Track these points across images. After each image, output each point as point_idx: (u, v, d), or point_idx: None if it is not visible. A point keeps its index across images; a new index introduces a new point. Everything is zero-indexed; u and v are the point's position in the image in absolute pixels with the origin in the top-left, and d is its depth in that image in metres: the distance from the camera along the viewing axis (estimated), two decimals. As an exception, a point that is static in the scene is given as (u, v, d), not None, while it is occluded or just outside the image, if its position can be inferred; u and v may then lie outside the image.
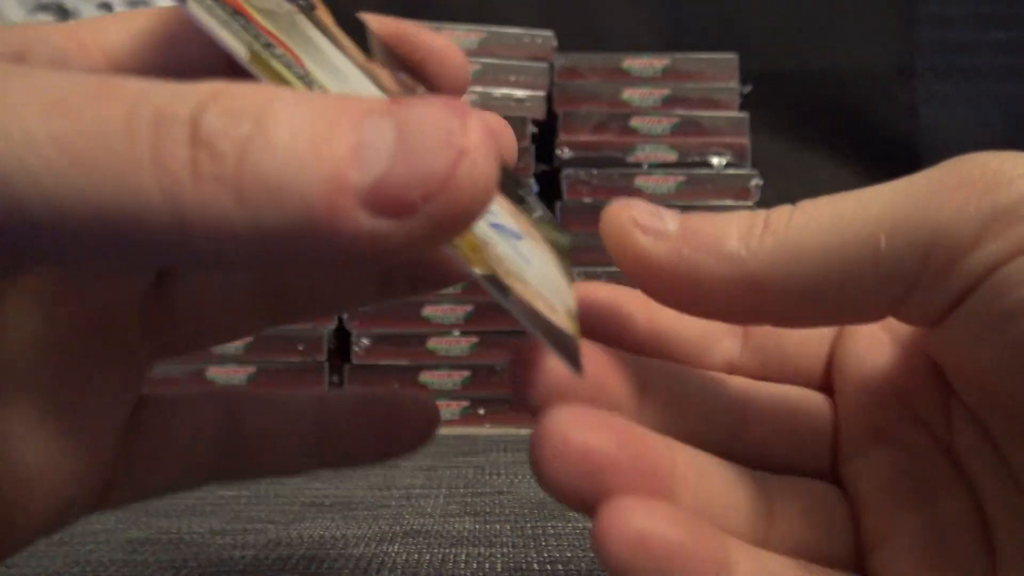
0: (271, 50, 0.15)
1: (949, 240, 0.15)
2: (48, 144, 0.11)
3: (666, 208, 0.18)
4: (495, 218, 0.18)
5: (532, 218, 0.21)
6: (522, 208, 0.21)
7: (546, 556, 0.29)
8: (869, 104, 0.73)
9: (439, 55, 0.21)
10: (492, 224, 0.17)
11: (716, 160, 0.65)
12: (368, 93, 0.17)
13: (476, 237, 0.16)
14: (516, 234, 0.19)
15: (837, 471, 0.20)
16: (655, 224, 0.17)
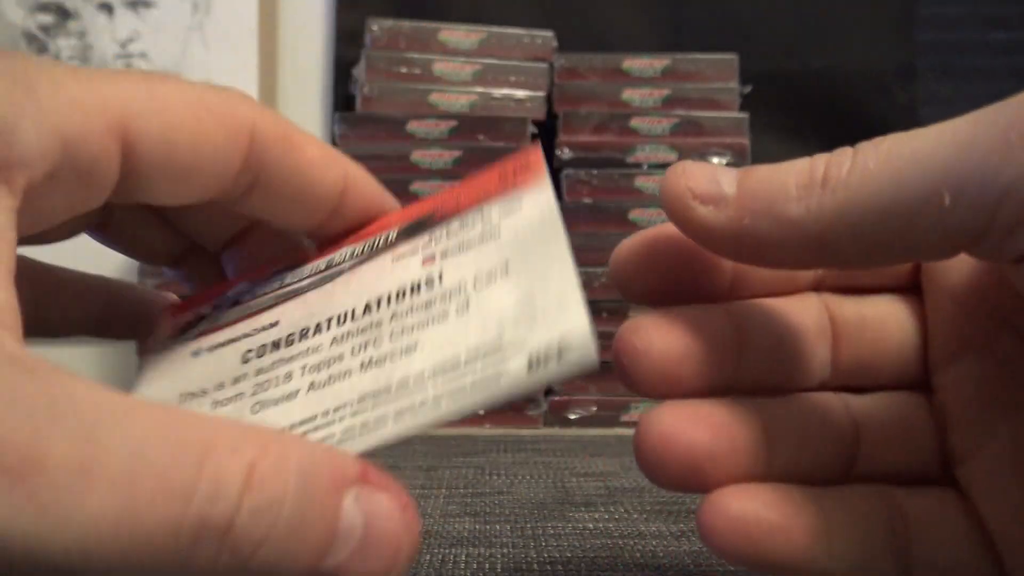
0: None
1: (1017, 200, 0.15)
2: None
3: (722, 168, 0.18)
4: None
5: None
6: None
7: (546, 556, 0.29)
8: (869, 104, 0.73)
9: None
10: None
11: (716, 160, 0.65)
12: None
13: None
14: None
15: (928, 380, 0.20)
16: (713, 190, 0.17)
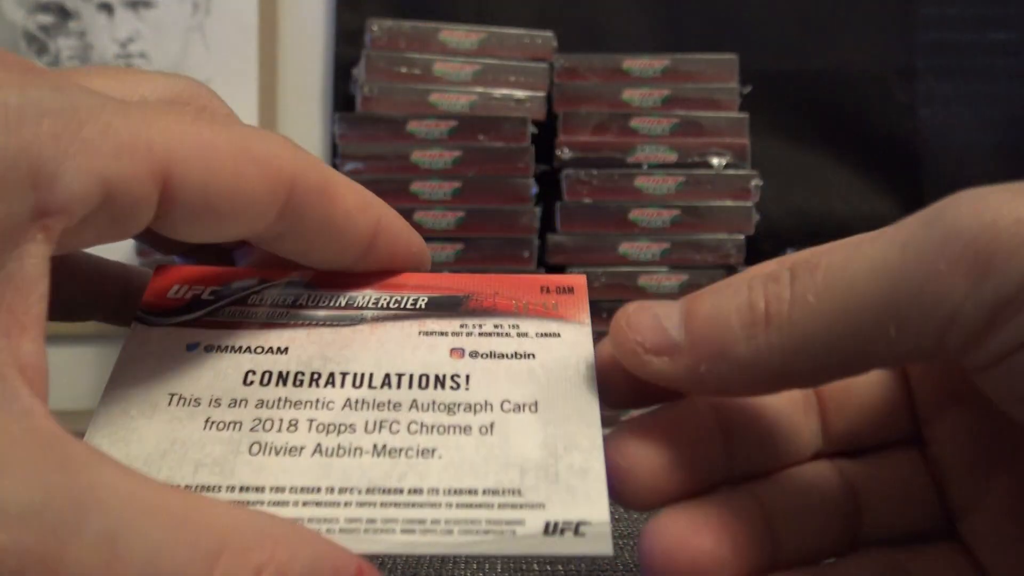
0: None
1: (961, 327, 0.15)
2: None
3: (663, 305, 0.18)
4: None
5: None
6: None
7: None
8: (869, 104, 0.73)
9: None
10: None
11: (716, 160, 0.65)
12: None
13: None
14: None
15: (919, 435, 0.20)
16: (662, 340, 0.17)
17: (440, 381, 0.19)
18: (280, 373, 0.19)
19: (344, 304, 0.21)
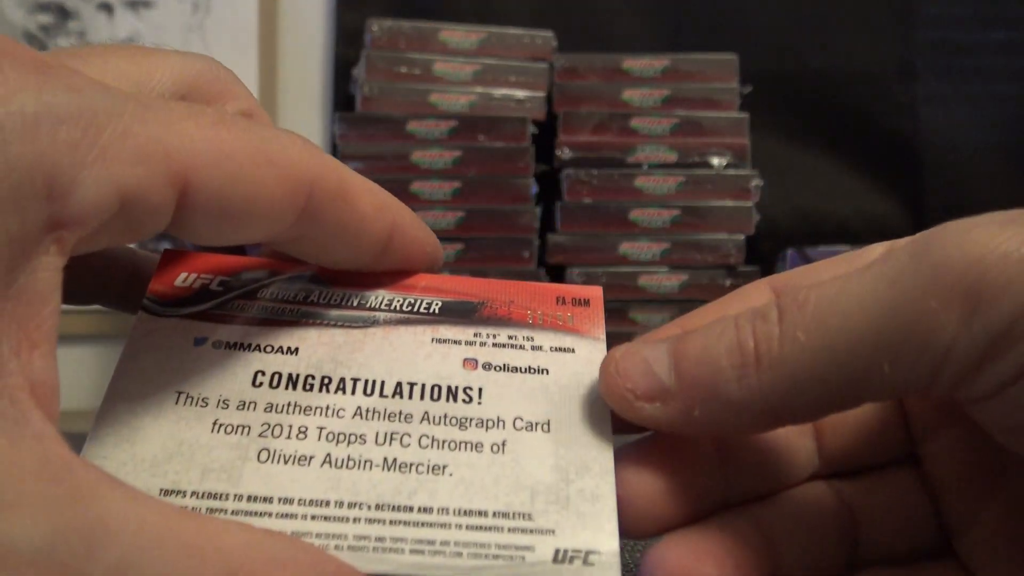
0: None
1: (955, 363, 0.15)
2: None
3: (651, 347, 0.18)
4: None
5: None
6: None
7: (546, 556, 0.29)
8: (869, 104, 0.73)
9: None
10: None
11: (716, 160, 0.65)
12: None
13: None
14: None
15: (914, 454, 0.20)
16: (653, 385, 0.17)
17: (453, 393, 0.19)
18: (290, 375, 0.19)
19: (356, 304, 0.20)
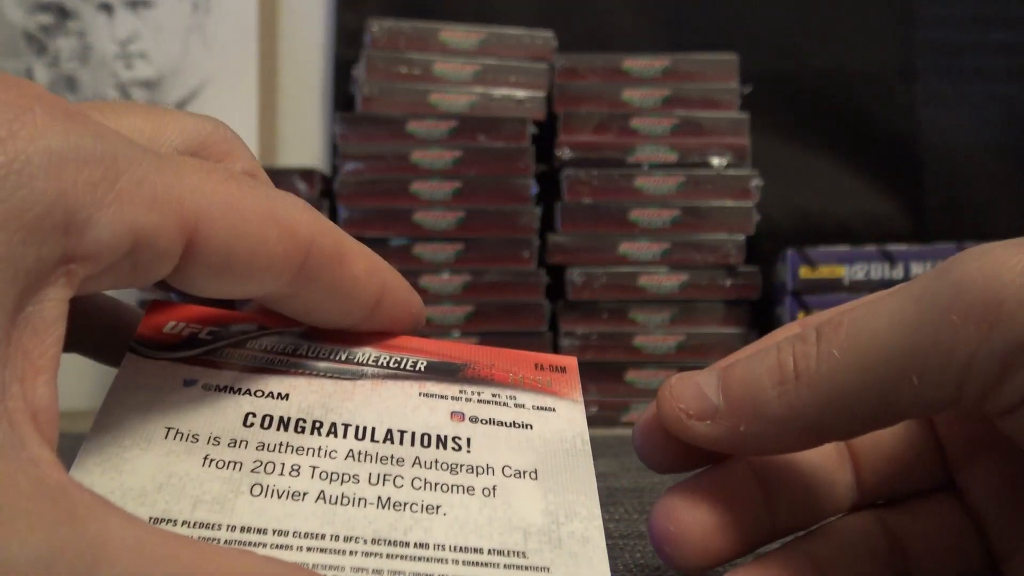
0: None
1: (977, 376, 0.16)
2: None
3: (702, 374, 0.19)
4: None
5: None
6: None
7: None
8: (869, 104, 0.73)
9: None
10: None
11: (716, 160, 0.65)
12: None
13: None
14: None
15: (953, 482, 0.21)
16: (703, 406, 0.19)
17: (442, 441, 0.19)
18: (281, 418, 0.19)
19: (344, 359, 0.21)
